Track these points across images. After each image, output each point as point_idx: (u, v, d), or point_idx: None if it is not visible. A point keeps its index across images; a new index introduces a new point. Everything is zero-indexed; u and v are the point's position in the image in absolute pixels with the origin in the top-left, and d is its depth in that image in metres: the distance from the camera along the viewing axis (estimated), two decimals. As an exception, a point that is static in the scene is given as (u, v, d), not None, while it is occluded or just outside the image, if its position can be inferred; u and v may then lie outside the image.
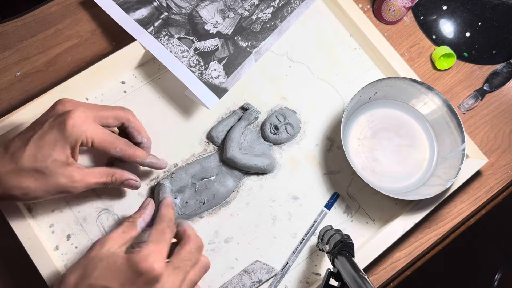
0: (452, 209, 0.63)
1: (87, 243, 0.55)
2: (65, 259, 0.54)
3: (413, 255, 0.61)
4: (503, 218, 1.15)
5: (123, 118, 0.52)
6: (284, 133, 0.61)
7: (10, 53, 0.63)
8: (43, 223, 0.55)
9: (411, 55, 0.70)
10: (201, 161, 0.58)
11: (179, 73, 0.59)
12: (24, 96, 0.61)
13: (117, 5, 0.62)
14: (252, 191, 0.59)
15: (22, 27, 0.64)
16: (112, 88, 0.61)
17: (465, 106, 0.68)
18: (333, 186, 0.61)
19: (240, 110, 0.62)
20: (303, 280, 0.57)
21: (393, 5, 0.67)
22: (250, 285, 0.55)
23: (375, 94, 0.62)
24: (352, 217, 0.60)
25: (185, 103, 0.62)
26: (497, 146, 0.67)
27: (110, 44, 0.65)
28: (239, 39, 0.63)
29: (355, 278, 0.44)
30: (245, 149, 0.59)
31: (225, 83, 0.61)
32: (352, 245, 0.50)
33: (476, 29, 0.72)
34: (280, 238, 0.58)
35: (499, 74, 0.70)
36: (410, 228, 0.57)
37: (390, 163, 0.62)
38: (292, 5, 0.66)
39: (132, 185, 0.53)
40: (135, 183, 0.53)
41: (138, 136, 0.54)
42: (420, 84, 0.60)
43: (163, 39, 0.61)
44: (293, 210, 0.59)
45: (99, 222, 0.56)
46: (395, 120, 0.64)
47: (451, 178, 0.57)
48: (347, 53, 0.67)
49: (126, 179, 0.52)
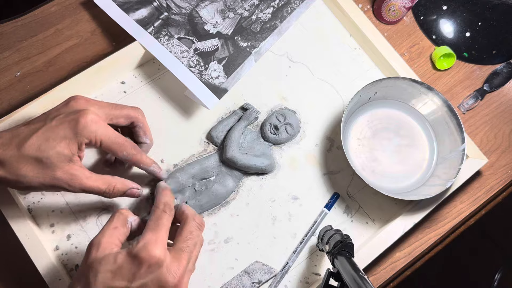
0: (452, 209, 0.63)
1: (87, 243, 0.55)
2: (65, 259, 0.54)
3: (413, 255, 0.61)
4: (503, 218, 1.15)
5: (133, 117, 0.52)
6: (284, 133, 0.61)
7: (10, 53, 0.63)
8: (43, 223, 0.55)
9: (411, 55, 0.70)
10: (201, 161, 0.58)
11: (179, 73, 0.59)
12: (24, 96, 0.61)
13: (117, 6, 0.62)
14: (252, 191, 0.59)
15: (22, 27, 0.64)
16: (112, 88, 0.61)
17: (465, 106, 0.68)
18: (333, 186, 0.61)
19: (240, 110, 0.62)
20: (303, 280, 0.57)
21: (393, 5, 0.67)
22: (250, 285, 0.55)
23: (375, 94, 0.62)
24: (352, 217, 0.60)
25: (185, 103, 0.62)
26: (497, 146, 0.67)
27: (110, 44, 0.65)
28: (239, 39, 0.63)
29: (355, 278, 0.44)
30: (245, 149, 0.59)
31: (225, 83, 0.61)
32: (352, 245, 0.50)
33: (476, 29, 0.72)
34: (280, 238, 0.58)
35: (499, 74, 0.70)
36: (410, 228, 0.57)
37: (390, 163, 0.62)
38: (292, 5, 0.66)
39: (134, 194, 0.52)
40: (137, 191, 0.52)
41: (143, 137, 0.54)
42: (420, 84, 0.60)
43: (163, 39, 0.61)
44: (293, 210, 0.59)
45: (99, 222, 0.56)
46: (395, 120, 0.64)
47: (451, 178, 0.57)
48: (347, 53, 0.67)
49: (129, 188, 0.51)
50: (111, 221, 0.44)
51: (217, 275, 0.56)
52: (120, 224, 0.44)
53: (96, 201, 0.56)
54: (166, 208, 0.45)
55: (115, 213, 0.45)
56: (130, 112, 0.52)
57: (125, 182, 0.51)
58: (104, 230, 0.43)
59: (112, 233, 0.43)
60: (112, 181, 0.49)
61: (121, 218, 0.45)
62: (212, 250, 0.56)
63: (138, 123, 0.53)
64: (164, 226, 0.43)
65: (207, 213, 0.58)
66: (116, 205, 0.57)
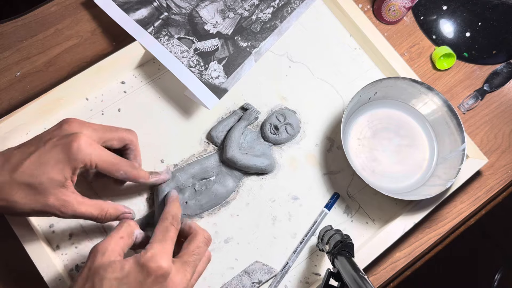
0: (452, 209, 0.63)
1: (87, 243, 0.55)
2: (65, 259, 0.54)
3: (413, 255, 0.61)
4: (503, 218, 1.15)
5: (127, 140, 0.52)
6: (284, 133, 0.61)
7: (10, 53, 0.63)
8: (43, 223, 0.55)
9: (411, 55, 0.70)
10: (201, 161, 0.58)
11: (179, 73, 0.59)
12: (24, 96, 0.61)
13: (117, 6, 0.62)
14: (252, 191, 0.59)
15: (22, 27, 0.64)
16: (112, 88, 0.61)
17: (465, 106, 0.68)
18: (333, 186, 0.61)
19: (240, 110, 0.62)
20: (303, 280, 0.57)
21: (393, 5, 0.67)
22: (250, 285, 0.55)
23: (375, 94, 0.62)
24: (352, 217, 0.60)
25: (185, 103, 0.62)
26: (497, 146, 0.67)
27: (110, 44, 0.65)
28: (239, 39, 0.63)
29: (355, 278, 0.44)
30: (245, 149, 0.59)
31: (225, 83, 0.61)
32: (352, 245, 0.50)
33: (476, 29, 0.72)
34: (280, 238, 0.58)
35: (499, 74, 0.70)
36: (410, 228, 0.57)
37: (390, 163, 0.62)
38: (292, 5, 0.66)
39: (127, 218, 0.51)
40: (130, 215, 0.51)
41: (133, 160, 0.53)
42: (420, 84, 0.60)
43: (163, 39, 0.61)
44: (293, 210, 0.59)
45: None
46: (395, 120, 0.64)
47: (451, 178, 0.57)
48: (347, 53, 0.67)
49: (121, 213, 0.50)
50: (118, 230, 0.44)
51: (217, 275, 0.56)
52: (126, 235, 0.44)
53: (96, 201, 0.57)
54: (174, 221, 0.46)
55: (123, 223, 0.45)
56: (124, 135, 0.51)
57: (117, 207, 0.50)
58: (111, 237, 0.43)
59: (118, 242, 0.43)
60: (104, 206, 0.49)
61: (129, 230, 0.45)
62: (212, 250, 0.56)
63: (131, 146, 0.53)
64: (171, 239, 0.44)
65: (207, 213, 0.58)
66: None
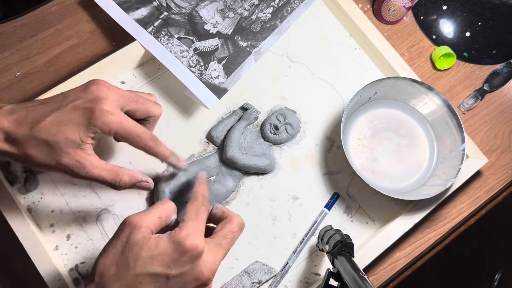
0: (452, 209, 0.63)
1: (87, 243, 0.55)
2: (65, 259, 0.54)
3: (413, 255, 0.61)
4: (503, 218, 1.15)
5: (150, 113, 0.51)
6: (284, 133, 0.61)
7: (10, 53, 0.63)
8: (43, 223, 0.55)
9: (411, 55, 0.70)
10: (201, 161, 0.58)
11: (178, 73, 0.59)
12: (24, 96, 0.61)
13: (116, 5, 0.62)
14: (252, 191, 0.59)
15: (22, 27, 0.64)
16: (112, 88, 0.61)
17: (465, 106, 0.68)
18: (333, 186, 0.61)
19: (240, 110, 0.62)
20: (303, 280, 0.57)
21: (393, 5, 0.67)
22: (250, 285, 0.55)
23: (375, 94, 0.62)
24: (352, 217, 0.60)
25: (185, 103, 0.62)
26: (497, 146, 0.67)
27: (110, 44, 0.65)
28: (239, 39, 0.63)
29: (355, 278, 0.44)
30: (245, 149, 0.59)
31: (225, 83, 0.61)
32: (352, 245, 0.50)
33: (476, 29, 0.72)
34: (280, 238, 0.58)
35: (499, 74, 0.70)
36: (410, 228, 0.57)
37: (390, 163, 0.62)
38: (292, 5, 0.66)
39: (143, 187, 0.50)
40: (147, 184, 0.50)
41: None
42: (420, 84, 0.60)
43: (163, 39, 0.61)
44: (293, 210, 0.59)
45: (99, 222, 0.56)
46: (395, 120, 0.64)
47: (451, 178, 0.57)
48: (347, 53, 0.67)
49: (138, 181, 0.49)
50: (158, 208, 0.43)
51: (217, 275, 0.55)
52: (165, 217, 0.43)
53: (96, 201, 0.56)
54: (205, 201, 0.45)
55: (164, 203, 0.44)
56: (151, 109, 0.50)
57: (134, 174, 0.48)
58: (150, 214, 0.42)
59: (155, 221, 0.42)
60: (119, 172, 0.47)
61: (168, 212, 0.44)
62: (212, 250, 0.56)
63: (151, 120, 0.52)
64: (203, 219, 0.43)
65: (207, 213, 0.58)
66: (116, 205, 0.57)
